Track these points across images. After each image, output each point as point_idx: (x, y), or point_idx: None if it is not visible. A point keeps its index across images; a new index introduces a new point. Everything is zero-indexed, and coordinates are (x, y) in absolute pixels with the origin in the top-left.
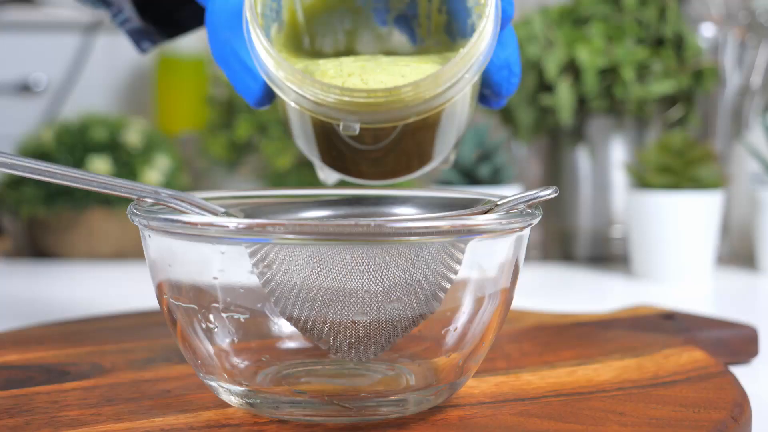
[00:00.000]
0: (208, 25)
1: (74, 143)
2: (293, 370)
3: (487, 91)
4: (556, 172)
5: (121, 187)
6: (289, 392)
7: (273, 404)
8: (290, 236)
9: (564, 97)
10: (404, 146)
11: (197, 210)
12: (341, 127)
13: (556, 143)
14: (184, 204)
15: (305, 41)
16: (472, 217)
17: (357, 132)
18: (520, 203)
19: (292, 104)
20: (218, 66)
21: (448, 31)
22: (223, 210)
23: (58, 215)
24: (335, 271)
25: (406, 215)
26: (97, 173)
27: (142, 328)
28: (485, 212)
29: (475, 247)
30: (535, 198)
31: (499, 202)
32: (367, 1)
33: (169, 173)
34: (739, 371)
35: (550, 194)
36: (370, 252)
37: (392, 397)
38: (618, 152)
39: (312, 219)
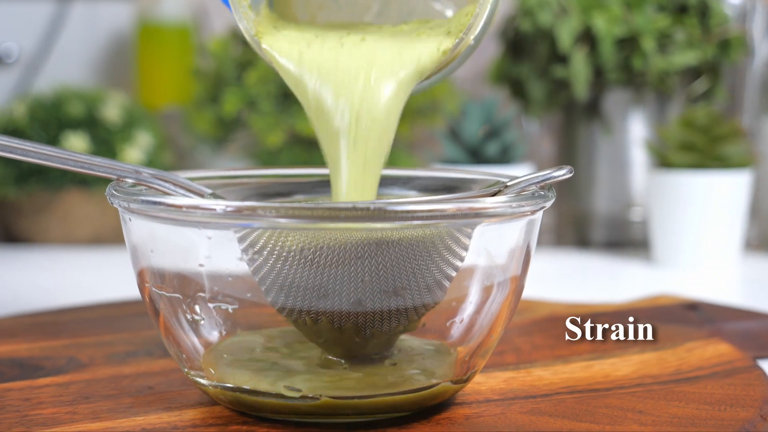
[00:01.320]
0: None
1: (48, 119)
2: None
3: None
4: (570, 150)
5: (99, 166)
6: (282, 389)
7: (264, 402)
8: (283, 220)
9: (579, 68)
10: None
11: (182, 191)
12: None
13: (571, 119)
14: (167, 184)
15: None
16: (480, 199)
17: None
18: (531, 184)
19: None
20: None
21: None
22: (209, 191)
23: (31, 197)
24: (331, 258)
25: (407, 197)
26: (74, 151)
27: (121, 320)
28: (494, 194)
29: (482, 231)
30: (547, 179)
31: (508, 183)
32: None
33: (151, 151)
34: None
35: (564, 174)
36: (368, 237)
37: (392, 395)
38: (637, 129)
39: (306, 201)
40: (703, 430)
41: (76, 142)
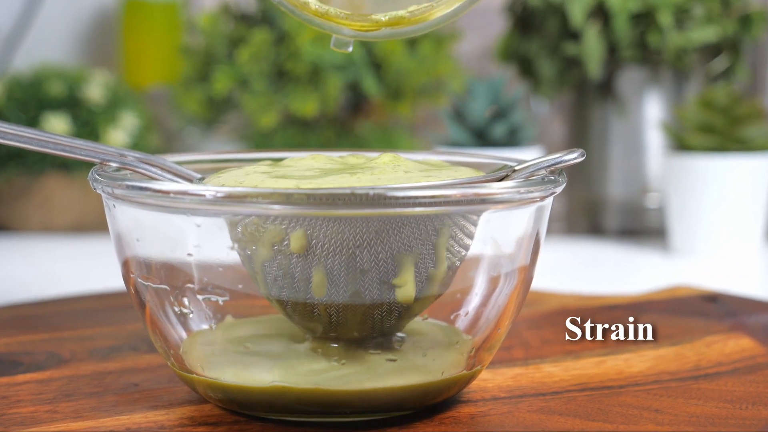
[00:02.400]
0: None
1: (27, 99)
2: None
3: None
4: (582, 132)
5: (80, 149)
6: (275, 385)
7: (256, 400)
8: (276, 207)
9: (591, 46)
10: None
11: (169, 176)
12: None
13: (583, 99)
14: (153, 169)
15: None
16: (486, 184)
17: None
18: (540, 168)
19: None
20: None
21: None
22: (198, 176)
23: (9, 182)
24: (327, 246)
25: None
26: (54, 133)
27: (105, 312)
28: (501, 179)
29: (489, 219)
30: (558, 162)
31: (516, 167)
32: None
33: (136, 134)
34: None
35: (575, 158)
36: (367, 225)
37: (391, 389)
38: (653, 109)
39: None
40: (724, 430)
41: (57, 124)
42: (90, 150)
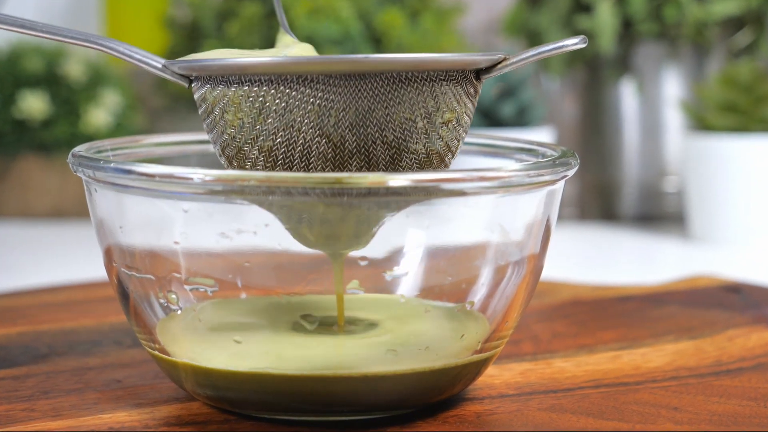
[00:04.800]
0: None
1: (2, 76)
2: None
3: None
4: (595, 111)
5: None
6: (266, 372)
7: (248, 397)
8: (272, 197)
9: (605, 19)
10: None
11: (137, 56)
12: None
13: (596, 76)
14: (120, 47)
15: None
16: (492, 170)
17: None
18: (538, 55)
19: None
20: None
21: None
22: (162, 61)
23: None
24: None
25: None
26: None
27: (86, 304)
28: (495, 64)
29: (496, 204)
30: (559, 48)
31: (513, 59)
32: None
33: (119, 113)
34: None
35: (576, 44)
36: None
37: (391, 381)
38: (671, 87)
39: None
40: (747, 430)
41: (35, 102)
42: (51, 30)
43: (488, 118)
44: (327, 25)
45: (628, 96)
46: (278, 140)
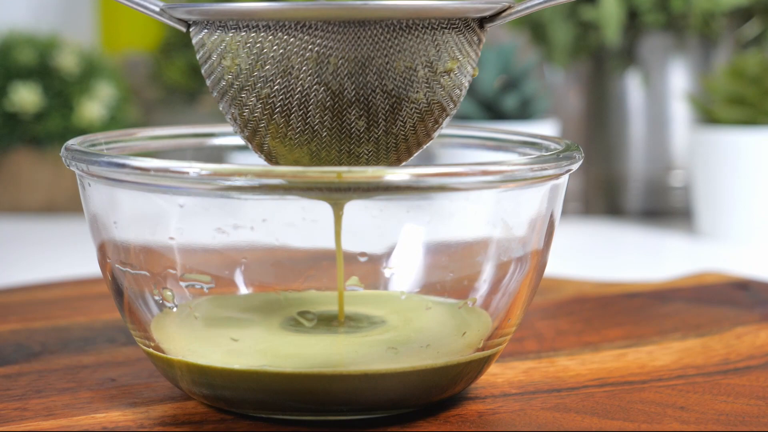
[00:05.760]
0: None
1: None
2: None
3: None
4: (600, 104)
5: None
6: (264, 369)
7: (244, 396)
8: (269, 191)
9: (610, 10)
10: None
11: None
12: None
13: (601, 68)
14: None
15: None
16: (495, 164)
17: None
18: (545, 4)
19: None
20: None
21: None
22: (160, 5)
23: None
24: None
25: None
26: None
27: (79, 301)
28: (498, 13)
29: (498, 199)
30: None
31: (518, 7)
32: None
33: (113, 105)
34: None
35: None
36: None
37: (392, 388)
38: (678, 79)
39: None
40: (755, 430)
41: (27, 95)
42: None
43: (490, 110)
44: None
45: (633, 88)
46: (276, 87)
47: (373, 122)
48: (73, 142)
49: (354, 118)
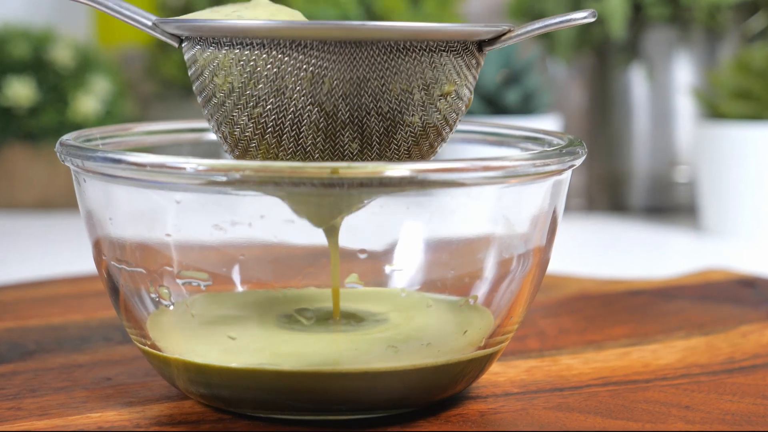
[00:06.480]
0: None
1: None
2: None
3: None
4: (603, 98)
5: None
6: (262, 368)
7: (242, 395)
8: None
9: (614, 2)
10: None
11: (122, 12)
12: None
13: (605, 62)
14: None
15: None
16: (496, 159)
17: None
18: (545, 28)
19: None
20: None
21: None
22: (152, 19)
23: None
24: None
25: None
26: None
27: (74, 299)
28: (498, 36)
29: (500, 195)
30: (567, 21)
31: (517, 31)
32: None
33: (108, 100)
34: None
35: (586, 17)
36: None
37: (392, 387)
38: (683, 73)
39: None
40: (761, 429)
41: (21, 89)
42: None
43: (492, 105)
44: (325, 9)
45: (637, 82)
46: (268, 107)
47: (366, 145)
48: (68, 137)
49: (347, 141)
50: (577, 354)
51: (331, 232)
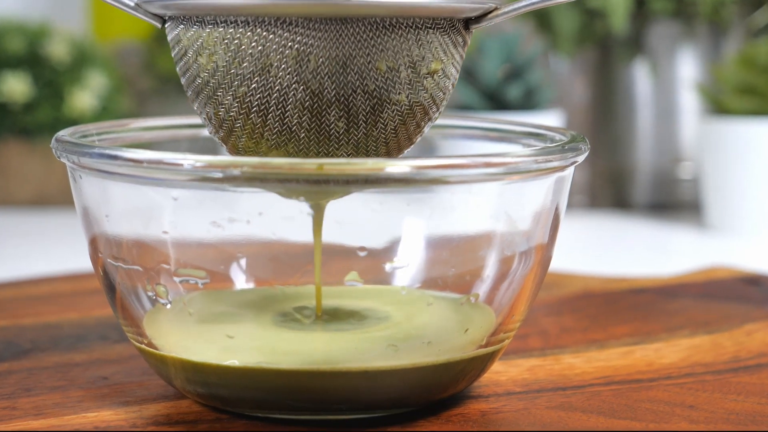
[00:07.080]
0: None
1: None
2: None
3: None
4: (606, 94)
5: None
6: (260, 366)
7: (240, 394)
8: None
9: None
10: None
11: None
12: None
13: (607, 57)
14: None
15: None
16: (498, 155)
17: None
18: (532, 6)
19: None
20: None
21: None
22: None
23: None
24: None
25: None
26: None
27: (70, 297)
28: (486, 13)
29: (502, 191)
30: (552, 0)
31: (505, 8)
32: None
33: (105, 95)
34: None
35: None
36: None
37: (392, 386)
38: (687, 68)
39: None
40: (766, 430)
41: (16, 84)
42: None
43: (494, 100)
44: None
45: (641, 78)
46: (253, 86)
47: (353, 124)
48: (64, 133)
49: (333, 119)
50: (580, 353)
51: (317, 208)
